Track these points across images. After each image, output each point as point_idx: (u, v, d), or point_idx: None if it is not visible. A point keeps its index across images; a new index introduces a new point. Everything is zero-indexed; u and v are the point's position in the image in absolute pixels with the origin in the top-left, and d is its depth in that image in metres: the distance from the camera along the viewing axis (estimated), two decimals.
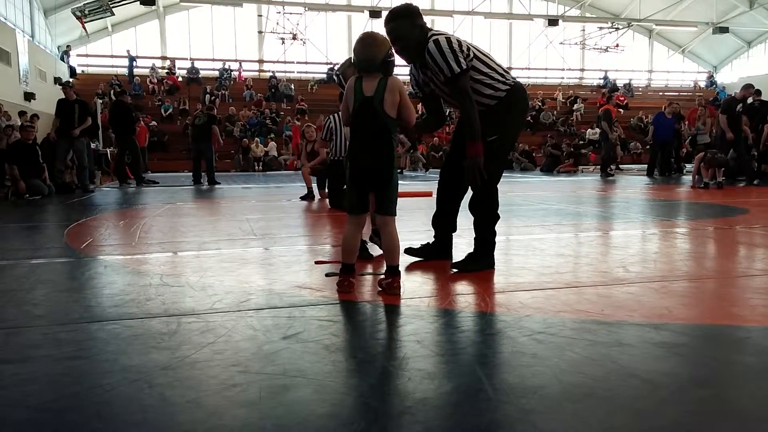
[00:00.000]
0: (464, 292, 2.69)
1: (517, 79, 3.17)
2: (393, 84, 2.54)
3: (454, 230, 3.35)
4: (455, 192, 3.25)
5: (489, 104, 3.02)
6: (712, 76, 31.20)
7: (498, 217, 3.16)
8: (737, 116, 10.51)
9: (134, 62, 23.97)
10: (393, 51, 2.64)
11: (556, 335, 1.99)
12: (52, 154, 9.77)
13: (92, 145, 11.16)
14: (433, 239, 3.37)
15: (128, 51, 24.27)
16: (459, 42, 2.93)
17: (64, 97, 10.08)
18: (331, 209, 6.43)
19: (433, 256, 3.32)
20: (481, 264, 3.07)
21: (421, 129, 3.41)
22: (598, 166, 15.14)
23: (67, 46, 23.83)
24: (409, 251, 3.33)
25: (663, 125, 12.56)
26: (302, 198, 7.85)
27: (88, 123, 9.96)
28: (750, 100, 11.53)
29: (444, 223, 3.33)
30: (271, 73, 25.35)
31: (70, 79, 20.12)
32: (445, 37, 2.91)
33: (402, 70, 3.17)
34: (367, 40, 2.57)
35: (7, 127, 10.32)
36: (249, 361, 1.78)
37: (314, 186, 7.95)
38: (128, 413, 1.44)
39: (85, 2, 20.68)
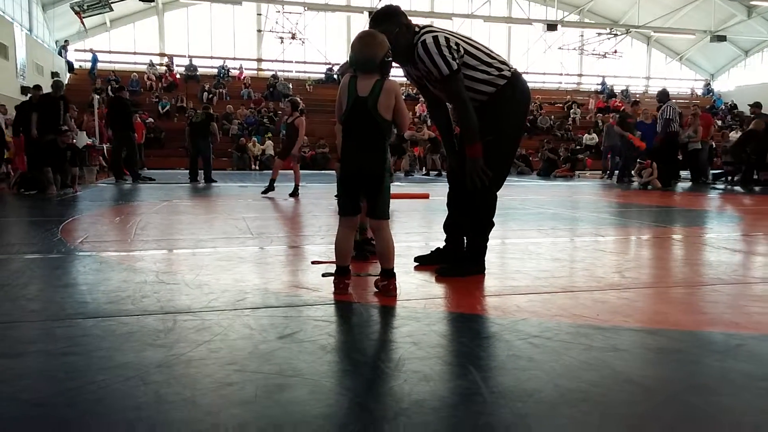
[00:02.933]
0: (460, 295, 2.69)
1: (517, 72, 3.04)
2: (390, 86, 2.50)
3: (466, 234, 3.24)
4: (465, 195, 3.14)
5: (482, 100, 2.93)
6: (709, 83, 31.35)
7: (492, 225, 3.10)
8: None
9: (97, 61, 23.81)
10: (391, 52, 2.59)
11: (552, 339, 2.00)
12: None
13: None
14: (444, 243, 3.30)
15: (91, 50, 24.18)
16: (447, 39, 2.83)
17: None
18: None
19: (446, 261, 3.20)
20: (465, 270, 3.01)
21: (435, 121, 3.36)
22: (605, 172, 15.18)
23: (65, 40, 23.76)
24: (420, 259, 3.26)
25: (644, 133, 12.58)
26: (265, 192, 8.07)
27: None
28: None
29: (455, 227, 3.25)
30: (273, 72, 25.32)
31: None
32: (432, 37, 2.81)
33: (398, 71, 3.12)
34: (368, 39, 2.53)
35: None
36: (245, 360, 1.78)
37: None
38: (123, 410, 1.44)
39: None
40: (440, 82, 2.86)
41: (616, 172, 13.40)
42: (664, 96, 11.47)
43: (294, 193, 8.10)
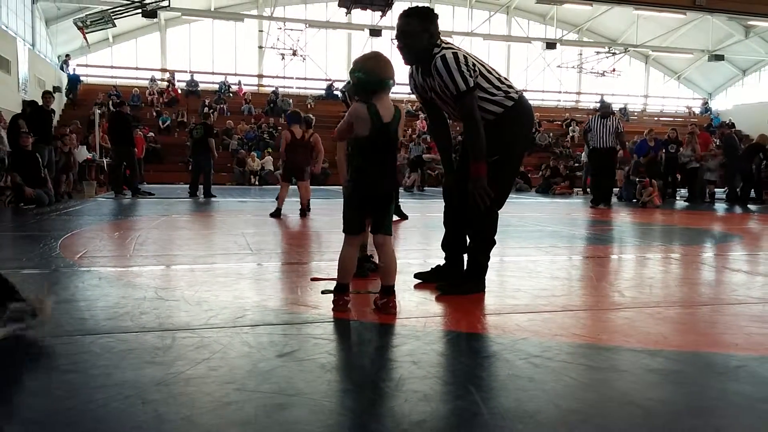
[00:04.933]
0: (460, 313, 2.68)
1: (523, 95, 3.10)
2: (403, 114, 2.66)
3: (465, 251, 3.23)
4: (462, 212, 3.14)
5: (490, 120, 2.97)
6: (707, 102, 31.50)
7: (494, 243, 3.11)
8: None
9: (77, 80, 23.20)
10: None
11: (553, 359, 1.99)
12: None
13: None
14: (444, 262, 3.30)
15: (66, 60, 23.93)
16: (466, 58, 2.90)
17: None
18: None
19: (446, 279, 3.20)
20: (466, 288, 3.02)
21: (435, 138, 3.38)
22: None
23: (67, 55, 23.86)
24: (419, 276, 3.27)
25: (644, 153, 12.83)
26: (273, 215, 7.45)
27: None
28: None
29: (453, 245, 3.26)
30: (273, 88, 25.44)
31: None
32: (453, 53, 2.87)
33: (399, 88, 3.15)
34: (384, 59, 2.60)
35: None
36: (244, 379, 1.77)
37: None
38: (122, 429, 1.43)
39: (87, 13, 20.77)
40: (454, 98, 2.90)
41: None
42: (607, 109, 10.45)
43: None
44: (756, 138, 12.69)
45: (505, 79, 3.08)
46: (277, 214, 7.28)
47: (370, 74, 2.54)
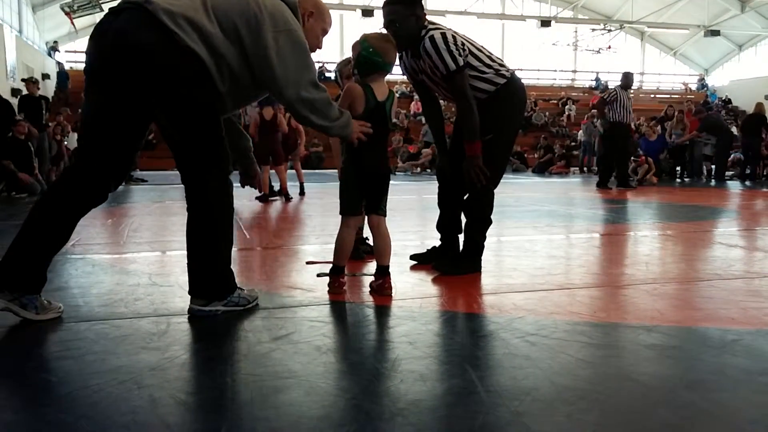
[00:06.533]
0: (456, 293, 2.68)
1: (514, 73, 3.08)
2: (395, 97, 2.64)
3: (460, 232, 3.23)
4: (456, 193, 3.15)
5: (482, 98, 2.95)
6: (703, 78, 31.39)
7: (490, 222, 3.10)
8: None
9: (67, 76, 21.43)
10: None
11: (549, 337, 1.99)
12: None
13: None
14: (440, 243, 3.29)
15: (53, 47, 23.46)
16: (454, 37, 2.88)
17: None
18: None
19: (441, 260, 3.18)
20: (464, 268, 3.02)
21: (428, 119, 3.36)
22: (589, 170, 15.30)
23: (54, 41, 23.58)
24: (415, 257, 3.26)
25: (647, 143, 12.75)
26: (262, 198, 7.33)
27: None
28: None
29: (448, 226, 3.25)
30: None
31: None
32: (441, 33, 2.86)
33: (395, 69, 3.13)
34: (394, 43, 2.60)
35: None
36: (239, 362, 1.77)
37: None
38: (117, 414, 1.42)
39: None
40: (445, 78, 2.88)
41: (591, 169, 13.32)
42: (629, 81, 9.52)
43: (301, 192, 8.02)
44: (753, 108, 12.61)
45: (497, 58, 3.06)
46: (264, 198, 7.23)
47: (379, 54, 2.52)
